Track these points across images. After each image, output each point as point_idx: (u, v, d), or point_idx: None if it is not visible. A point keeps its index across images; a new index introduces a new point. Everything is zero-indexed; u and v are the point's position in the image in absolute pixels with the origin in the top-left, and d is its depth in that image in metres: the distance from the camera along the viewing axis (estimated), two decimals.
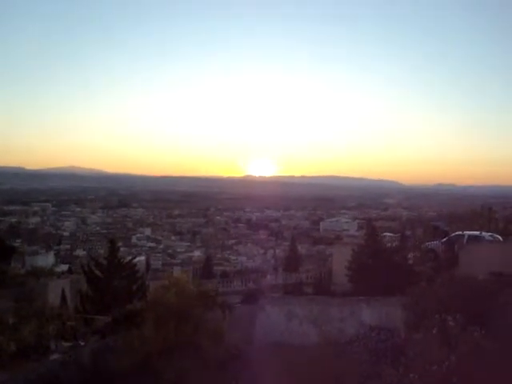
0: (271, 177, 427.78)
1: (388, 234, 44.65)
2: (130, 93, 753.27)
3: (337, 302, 25.61)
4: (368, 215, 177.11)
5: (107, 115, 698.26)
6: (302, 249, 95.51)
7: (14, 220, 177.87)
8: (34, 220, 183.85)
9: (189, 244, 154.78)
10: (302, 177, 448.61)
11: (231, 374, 18.56)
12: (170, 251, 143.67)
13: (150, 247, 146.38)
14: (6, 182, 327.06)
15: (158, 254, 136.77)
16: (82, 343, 21.69)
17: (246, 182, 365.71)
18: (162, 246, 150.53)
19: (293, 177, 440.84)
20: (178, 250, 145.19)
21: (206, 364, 18.42)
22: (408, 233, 52.46)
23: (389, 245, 35.65)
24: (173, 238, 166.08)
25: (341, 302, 25.74)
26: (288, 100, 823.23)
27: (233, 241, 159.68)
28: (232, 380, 18.30)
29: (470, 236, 36.96)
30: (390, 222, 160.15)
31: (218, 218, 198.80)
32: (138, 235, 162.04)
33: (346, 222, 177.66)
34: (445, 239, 37.21)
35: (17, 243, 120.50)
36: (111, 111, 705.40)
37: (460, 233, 38.13)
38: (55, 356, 21.13)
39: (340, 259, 35.65)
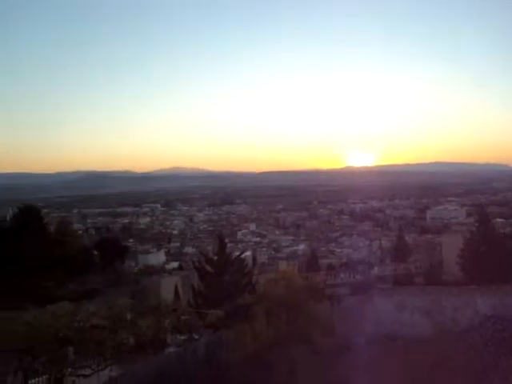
0: (373, 166, 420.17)
1: (499, 219, 42.33)
2: (229, 93, 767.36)
3: (449, 292, 24.88)
4: (477, 201, 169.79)
5: (207, 116, 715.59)
6: (409, 238, 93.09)
7: (126, 221, 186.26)
8: (145, 220, 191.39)
9: (293, 238, 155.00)
10: (406, 165, 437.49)
11: (342, 366, 18.48)
12: (274, 245, 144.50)
13: (255, 242, 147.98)
14: (117, 185, 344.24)
15: (264, 249, 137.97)
16: (197, 337, 22.34)
17: (347, 173, 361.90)
18: (266, 241, 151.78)
19: (396, 165, 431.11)
20: (283, 244, 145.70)
21: (317, 356, 18.45)
22: None
23: (502, 231, 34.17)
24: (277, 232, 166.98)
25: (453, 291, 24.99)
26: (386, 86, 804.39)
27: (337, 233, 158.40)
28: (343, 372, 18.22)
29: None
30: (500, 207, 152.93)
31: (320, 210, 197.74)
32: (243, 231, 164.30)
33: (454, 210, 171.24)
34: None
35: (129, 243, 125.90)
36: (212, 112, 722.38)
37: None
38: (171, 349, 21.91)
39: (450, 248, 34.65)
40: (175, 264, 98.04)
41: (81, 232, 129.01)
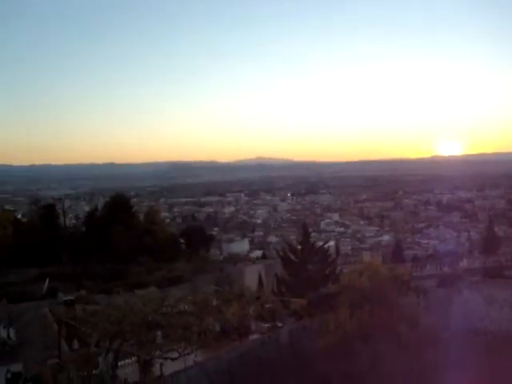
0: (461, 155, 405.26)
1: None
2: (313, 81, 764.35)
3: None
4: None
5: (291, 106, 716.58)
6: (499, 230, 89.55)
7: (211, 210, 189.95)
8: (229, 209, 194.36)
9: (377, 228, 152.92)
10: (496, 153, 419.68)
11: (427, 360, 18.13)
12: (358, 236, 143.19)
13: (338, 232, 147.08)
14: (202, 175, 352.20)
15: (347, 239, 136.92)
16: (280, 324, 22.61)
17: (434, 163, 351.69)
18: (350, 231, 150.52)
19: (485, 154, 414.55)
20: (367, 234, 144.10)
21: (401, 348, 18.21)
22: None
23: None
24: (361, 222, 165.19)
25: None
26: (474, 73, 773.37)
27: (423, 224, 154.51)
28: (428, 366, 17.88)
29: None
30: None
31: (406, 200, 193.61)
32: (327, 221, 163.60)
33: None
34: None
35: (214, 232, 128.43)
36: (295, 101, 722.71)
37: None
38: (255, 336, 22.31)
39: None
40: (259, 253, 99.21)
41: (168, 221, 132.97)
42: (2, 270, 68.40)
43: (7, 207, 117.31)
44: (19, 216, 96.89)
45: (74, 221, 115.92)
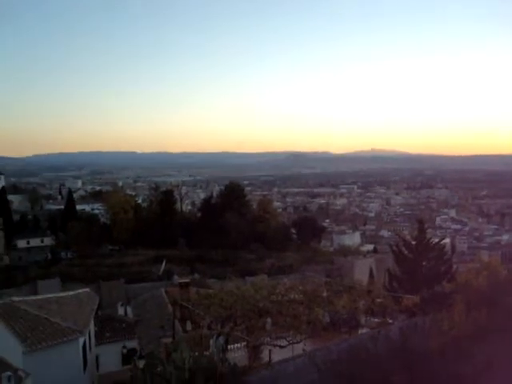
0: None
1: None
2: (430, 73, 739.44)
3: None
4: None
5: (404, 97, 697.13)
6: None
7: (323, 201, 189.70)
8: (341, 201, 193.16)
9: (497, 227, 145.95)
10: None
11: None
12: (476, 234, 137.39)
13: (454, 229, 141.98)
14: (317, 166, 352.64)
15: (464, 237, 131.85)
16: (390, 320, 22.13)
17: None
18: (467, 228, 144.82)
19: None
20: (485, 232, 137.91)
21: None
22: None
23: None
24: (479, 220, 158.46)
25: None
26: None
27: None
28: None
29: None
30: None
31: None
32: (443, 216, 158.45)
33: None
34: None
35: (326, 223, 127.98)
36: (409, 92, 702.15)
37: None
38: (364, 330, 21.97)
39: None
40: (370, 246, 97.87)
41: (280, 210, 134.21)
42: (121, 252, 72.42)
43: (129, 192, 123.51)
44: (139, 201, 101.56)
45: (190, 207, 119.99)
